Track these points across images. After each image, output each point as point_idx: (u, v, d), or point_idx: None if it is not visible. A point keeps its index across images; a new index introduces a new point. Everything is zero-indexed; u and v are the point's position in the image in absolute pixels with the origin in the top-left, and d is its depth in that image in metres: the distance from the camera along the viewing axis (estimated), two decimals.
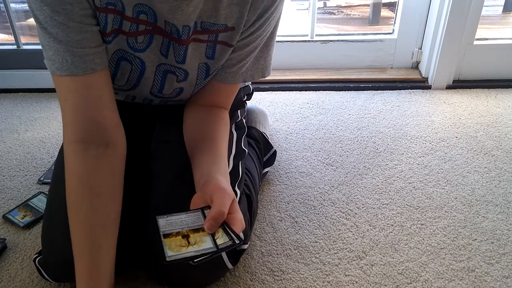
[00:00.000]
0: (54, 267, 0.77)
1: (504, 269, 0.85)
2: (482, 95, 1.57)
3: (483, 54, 1.60)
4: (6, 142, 1.36)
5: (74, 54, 0.63)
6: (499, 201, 1.03)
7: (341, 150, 1.26)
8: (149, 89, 0.79)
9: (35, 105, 1.59)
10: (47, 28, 0.61)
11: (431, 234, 0.94)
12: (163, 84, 0.78)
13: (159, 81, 0.77)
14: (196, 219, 0.61)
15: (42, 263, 0.79)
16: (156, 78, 0.76)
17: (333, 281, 0.84)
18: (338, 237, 0.94)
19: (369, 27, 2.69)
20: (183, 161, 0.84)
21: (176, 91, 0.81)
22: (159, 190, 0.82)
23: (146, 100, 0.86)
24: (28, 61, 1.69)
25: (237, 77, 0.79)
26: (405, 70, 1.71)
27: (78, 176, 0.67)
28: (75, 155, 0.67)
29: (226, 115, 0.85)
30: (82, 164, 0.67)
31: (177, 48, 0.72)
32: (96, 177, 0.68)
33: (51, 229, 0.78)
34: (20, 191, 1.12)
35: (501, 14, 2.83)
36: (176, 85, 0.79)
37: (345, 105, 1.52)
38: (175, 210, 0.73)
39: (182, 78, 0.77)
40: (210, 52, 0.74)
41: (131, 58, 0.72)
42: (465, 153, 1.23)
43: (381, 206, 1.03)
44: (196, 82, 0.79)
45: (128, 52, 0.71)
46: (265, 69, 0.82)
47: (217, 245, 0.56)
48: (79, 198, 0.67)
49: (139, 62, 0.73)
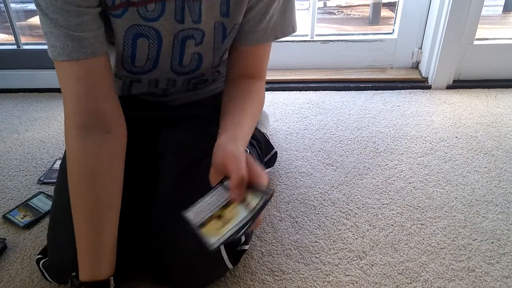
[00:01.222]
0: (60, 269, 0.76)
1: (504, 269, 0.85)
2: (482, 95, 1.57)
3: (483, 54, 1.60)
4: (6, 142, 1.36)
5: (74, 39, 0.63)
6: (499, 201, 1.03)
7: (341, 150, 1.26)
8: (169, 64, 0.78)
9: (35, 105, 1.59)
10: (48, 14, 0.62)
11: (431, 234, 0.94)
12: (182, 52, 0.76)
13: (178, 51, 0.75)
14: (220, 195, 0.59)
15: (46, 266, 0.79)
16: (175, 48, 0.75)
17: (333, 281, 0.84)
18: (338, 237, 0.94)
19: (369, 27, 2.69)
20: (188, 162, 0.84)
21: (195, 60, 0.79)
22: (164, 191, 0.82)
23: (169, 82, 0.83)
24: (28, 61, 1.69)
25: (269, 34, 0.77)
26: (405, 70, 1.71)
27: (80, 161, 0.68)
28: (77, 141, 0.68)
29: (259, 86, 0.82)
30: (84, 150, 0.68)
31: (192, 6, 0.70)
32: (98, 162, 0.68)
33: (57, 231, 0.78)
34: (20, 191, 1.12)
35: (501, 14, 2.83)
36: (194, 50, 0.77)
37: (345, 105, 1.52)
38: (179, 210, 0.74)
39: (199, 40, 0.75)
40: (224, 9, 0.72)
41: (146, 31, 0.70)
42: (465, 153, 1.23)
43: (381, 206, 1.03)
44: (214, 46, 0.77)
45: (141, 25, 0.69)
46: (294, 22, 0.81)
47: (252, 209, 0.54)
48: (82, 182, 0.68)
49: (155, 34, 0.71)
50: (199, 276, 0.79)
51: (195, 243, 0.75)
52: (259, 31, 0.77)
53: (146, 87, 0.85)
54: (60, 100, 1.63)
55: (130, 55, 0.74)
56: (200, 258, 0.75)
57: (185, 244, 0.75)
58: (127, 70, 0.78)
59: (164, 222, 0.78)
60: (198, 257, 0.75)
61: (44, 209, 1.04)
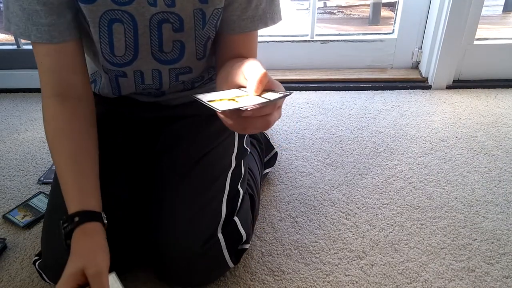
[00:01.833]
0: (54, 269, 0.76)
1: (504, 269, 0.85)
2: (482, 95, 1.57)
3: (483, 54, 1.60)
4: (6, 142, 1.36)
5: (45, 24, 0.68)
6: (499, 201, 1.03)
7: (341, 150, 1.26)
8: (149, 51, 0.77)
9: (35, 105, 1.59)
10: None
11: (431, 234, 0.94)
12: (160, 37, 0.75)
13: (156, 35, 0.75)
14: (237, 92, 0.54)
15: (42, 266, 0.79)
16: (152, 32, 0.74)
17: (333, 281, 0.84)
18: (338, 237, 0.94)
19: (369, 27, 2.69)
20: (188, 160, 0.84)
21: (177, 48, 0.78)
22: (164, 190, 0.82)
23: (155, 75, 0.83)
24: (28, 61, 1.69)
25: (256, 21, 0.76)
26: (405, 70, 1.71)
27: (58, 120, 0.74)
28: (54, 106, 0.74)
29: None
30: (60, 112, 0.74)
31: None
32: (74, 120, 0.74)
33: (50, 231, 0.78)
34: (20, 191, 1.12)
35: (501, 14, 2.83)
36: (174, 36, 0.76)
37: (345, 105, 1.52)
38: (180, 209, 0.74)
39: (177, 26, 0.75)
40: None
41: (120, 15, 0.71)
42: (465, 153, 1.23)
43: (381, 206, 1.03)
44: (195, 34, 0.77)
45: (115, 9, 0.70)
46: (280, 11, 0.80)
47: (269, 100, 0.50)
48: (60, 136, 0.73)
49: (129, 18, 0.71)
50: (199, 275, 0.79)
51: (196, 242, 0.75)
52: (247, 19, 0.76)
53: (132, 82, 0.83)
54: None
55: (108, 42, 0.74)
56: (201, 257, 0.76)
57: (186, 243, 0.75)
58: (109, 62, 0.78)
59: (165, 221, 0.78)
60: (198, 256, 0.75)
61: (44, 209, 1.04)
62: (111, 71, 0.80)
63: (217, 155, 0.88)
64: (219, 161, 0.88)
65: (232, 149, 0.91)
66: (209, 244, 0.76)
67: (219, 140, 0.90)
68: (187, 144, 0.88)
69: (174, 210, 0.79)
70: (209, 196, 0.81)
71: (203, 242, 0.75)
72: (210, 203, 0.80)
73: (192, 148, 0.88)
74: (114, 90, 0.86)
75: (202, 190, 0.81)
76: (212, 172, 0.85)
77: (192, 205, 0.79)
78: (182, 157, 0.86)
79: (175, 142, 0.90)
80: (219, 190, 0.83)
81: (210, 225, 0.78)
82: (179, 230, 0.76)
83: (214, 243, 0.76)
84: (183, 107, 0.94)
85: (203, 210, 0.79)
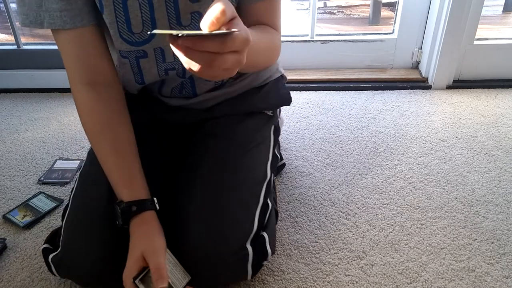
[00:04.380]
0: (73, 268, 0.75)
1: (504, 269, 0.85)
2: (482, 95, 1.57)
3: (483, 54, 1.60)
4: (6, 142, 1.36)
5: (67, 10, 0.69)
6: (499, 201, 1.04)
7: (341, 150, 1.26)
8: (167, 25, 0.75)
9: (35, 105, 1.59)
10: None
11: (431, 234, 0.94)
12: (177, 8, 0.73)
13: (172, 8, 0.73)
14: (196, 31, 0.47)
15: (56, 261, 0.77)
16: (168, 5, 0.72)
17: (333, 281, 0.84)
18: (338, 237, 0.94)
19: (369, 27, 2.69)
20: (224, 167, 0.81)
21: (196, 20, 0.75)
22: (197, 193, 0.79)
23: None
24: (28, 61, 1.69)
25: None
26: (405, 70, 1.71)
27: (94, 109, 0.75)
28: (87, 95, 0.75)
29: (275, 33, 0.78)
30: (94, 99, 0.75)
31: None
32: (109, 107, 0.76)
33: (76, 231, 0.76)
34: (20, 191, 1.12)
35: (501, 14, 2.83)
36: (191, 7, 0.73)
37: (345, 105, 1.52)
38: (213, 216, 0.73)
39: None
40: None
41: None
42: (465, 153, 1.23)
43: (381, 206, 1.03)
44: None
45: None
46: None
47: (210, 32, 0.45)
48: (100, 126, 0.75)
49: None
50: (213, 280, 0.76)
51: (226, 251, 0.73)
52: None
53: (154, 62, 0.81)
54: (60, 100, 1.63)
55: (125, 20, 0.73)
56: (226, 266, 0.73)
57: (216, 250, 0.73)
58: (128, 41, 0.76)
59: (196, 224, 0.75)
60: (224, 265, 0.73)
61: (44, 209, 1.04)
62: (131, 53, 0.78)
63: (252, 163, 0.85)
64: (255, 171, 0.85)
65: (267, 156, 0.89)
66: (238, 255, 0.74)
67: (255, 144, 0.88)
68: (221, 149, 0.85)
69: (206, 216, 0.76)
70: (244, 207, 0.79)
71: (233, 252, 0.73)
72: (244, 214, 0.78)
73: (226, 152, 0.85)
74: (136, 76, 0.83)
75: (237, 200, 0.79)
76: (249, 183, 0.82)
77: (226, 214, 0.76)
78: (216, 162, 0.83)
79: (207, 145, 0.86)
80: (254, 202, 0.81)
81: (242, 237, 0.75)
82: (211, 237, 0.73)
83: (243, 255, 0.74)
84: (216, 109, 0.91)
85: (237, 220, 0.76)
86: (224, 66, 0.47)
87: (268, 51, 0.76)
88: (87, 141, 1.34)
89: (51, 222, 1.01)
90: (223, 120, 0.90)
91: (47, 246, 0.82)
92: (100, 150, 0.76)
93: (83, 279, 0.76)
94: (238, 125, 0.89)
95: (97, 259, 0.73)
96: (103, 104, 0.76)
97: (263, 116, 0.95)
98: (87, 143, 1.33)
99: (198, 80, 0.85)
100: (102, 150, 0.76)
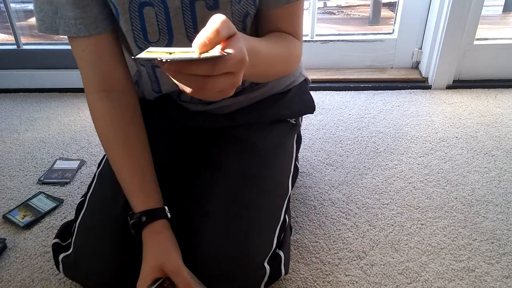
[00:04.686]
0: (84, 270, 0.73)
1: (504, 269, 0.85)
2: (482, 95, 1.57)
3: (483, 54, 1.60)
4: (6, 142, 1.36)
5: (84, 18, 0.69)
6: (499, 201, 1.03)
7: (341, 150, 1.26)
8: (185, 33, 0.73)
9: (35, 105, 1.59)
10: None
11: (431, 234, 0.94)
12: (194, 16, 0.71)
13: (189, 16, 0.71)
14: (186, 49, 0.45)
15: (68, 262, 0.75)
16: (185, 13, 0.71)
17: (333, 281, 0.84)
18: (338, 237, 0.94)
19: (369, 27, 2.69)
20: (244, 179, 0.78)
21: None
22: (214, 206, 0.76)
23: None
24: (28, 61, 1.69)
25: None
26: (405, 70, 1.71)
27: (108, 116, 0.75)
28: (100, 101, 0.75)
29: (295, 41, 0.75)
30: (108, 107, 0.75)
31: None
32: (124, 114, 0.76)
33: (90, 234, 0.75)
34: (20, 191, 1.12)
35: (501, 14, 2.83)
36: (209, 15, 0.69)
37: (345, 105, 1.52)
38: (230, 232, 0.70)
39: (211, 3, 0.70)
40: None
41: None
42: (465, 153, 1.23)
43: (381, 206, 1.03)
44: (232, 9, 0.71)
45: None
46: None
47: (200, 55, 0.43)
48: (113, 133, 0.75)
49: (159, 0, 0.69)
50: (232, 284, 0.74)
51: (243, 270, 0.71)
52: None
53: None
54: (60, 100, 1.63)
55: (141, 28, 0.72)
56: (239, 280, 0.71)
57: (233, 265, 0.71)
58: (143, 50, 0.75)
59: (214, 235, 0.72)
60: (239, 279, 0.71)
61: (44, 209, 1.04)
62: (148, 61, 0.78)
63: (276, 178, 0.82)
64: (277, 186, 0.82)
65: (289, 169, 0.87)
66: (256, 274, 0.73)
67: (279, 157, 0.85)
68: (243, 161, 0.81)
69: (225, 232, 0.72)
70: (266, 227, 0.76)
71: (252, 270, 0.72)
72: (265, 234, 0.75)
73: (249, 165, 0.81)
74: (153, 85, 0.83)
75: (259, 219, 0.75)
76: (271, 200, 0.79)
77: (247, 233, 0.73)
78: (238, 176, 0.79)
79: (229, 156, 0.83)
80: (276, 221, 0.78)
81: (262, 256, 0.73)
82: (231, 255, 0.70)
83: (261, 274, 0.73)
84: (237, 116, 0.88)
85: (258, 241, 0.73)
86: (216, 89, 0.45)
87: (282, 62, 0.74)
88: (87, 141, 1.34)
89: (51, 222, 1.01)
90: (245, 129, 0.86)
91: (57, 241, 0.81)
92: (113, 155, 0.76)
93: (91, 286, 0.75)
94: (261, 136, 0.86)
95: (109, 269, 0.71)
96: (117, 110, 0.76)
97: (286, 125, 0.92)
98: (87, 143, 1.33)
99: None
100: (115, 155, 0.75)
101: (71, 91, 1.68)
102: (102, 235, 0.73)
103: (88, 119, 1.48)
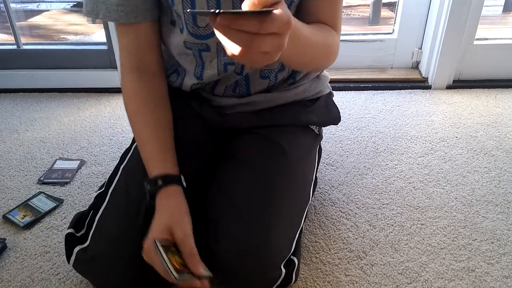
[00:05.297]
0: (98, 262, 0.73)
1: (504, 269, 0.85)
2: (482, 95, 1.57)
3: (483, 54, 1.60)
4: (6, 142, 1.36)
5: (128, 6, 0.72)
6: (499, 201, 1.03)
7: (341, 150, 1.26)
8: None
9: (35, 105, 1.59)
10: None
11: (431, 234, 0.94)
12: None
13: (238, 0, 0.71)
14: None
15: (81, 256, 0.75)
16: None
17: (333, 281, 0.84)
18: (338, 237, 0.94)
19: (369, 27, 2.69)
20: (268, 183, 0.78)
21: None
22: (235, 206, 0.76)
23: None
24: (28, 61, 1.69)
25: None
26: (405, 70, 1.71)
27: (137, 93, 0.79)
28: (132, 80, 0.79)
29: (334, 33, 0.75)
30: (139, 86, 0.79)
31: None
32: (152, 93, 0.80)
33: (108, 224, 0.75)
34: (20, 191, 1.12)
35: (501, 14, 2.83)
36: None
37: (345, 105, 1.52)
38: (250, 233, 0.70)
39: None
40: None
41: None
42: (465, 153, 1.23)
43: (381, 206, 1.03)
44: None
45: None
46: None
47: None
48: (143, 109, 0.78)
49: None
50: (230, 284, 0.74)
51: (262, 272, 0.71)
52: None
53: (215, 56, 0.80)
54: (60, 100, 1.63)
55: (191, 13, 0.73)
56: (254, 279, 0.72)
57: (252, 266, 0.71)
58: (193, 34, 0.76)
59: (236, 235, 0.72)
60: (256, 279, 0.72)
61: (44, 209, 1.04)
62: (195, 45, 0.79)
63: (301, 184, 0.83)
64: (302, 192, 0.83)
65: (312, 177, 0.87)
66: (274, 275, 0.73)
67: (306, 165, 0.86)
68: (270, 157, 0.82)
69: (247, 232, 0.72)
70: (288, 233, 0.76)
71: (269, 269, 0.73)
72: (287, 239, 0.76)
73: (276, 162, 0.81)
74: (197, 68, 0.83)
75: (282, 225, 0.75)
76: (296, 206, 0.80)
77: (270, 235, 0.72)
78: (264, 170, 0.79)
79: (256, 155, 0.83)
80: (296, 228, 0.79)
81: (281, 258, 0.74)
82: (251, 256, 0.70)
83: (276, 276, 0.74)
84: (266, 115, 0.88)
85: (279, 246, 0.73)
86: (263, 49, 0.45)
87: (321, 49, 0.72)
88: (87, 141, 1.34)
89: (51, 222, 1.01)
90: (273, 131, 0.86)
91: (72, 231, 0.80)
92: (140, 130, 0.78)
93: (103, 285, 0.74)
94: (290, 139, 0.85)
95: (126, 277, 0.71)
96: (146, 90, 0.80)
97: (311, 133, 0.92)
98: (87, 143, 1.33)
99: (252, 78, 0.84)
100: (143, 130, 0.78)
101: (71, 91, 1.68)
102: (124, 240, 0.72)
103: (88, 119, 1.48)
